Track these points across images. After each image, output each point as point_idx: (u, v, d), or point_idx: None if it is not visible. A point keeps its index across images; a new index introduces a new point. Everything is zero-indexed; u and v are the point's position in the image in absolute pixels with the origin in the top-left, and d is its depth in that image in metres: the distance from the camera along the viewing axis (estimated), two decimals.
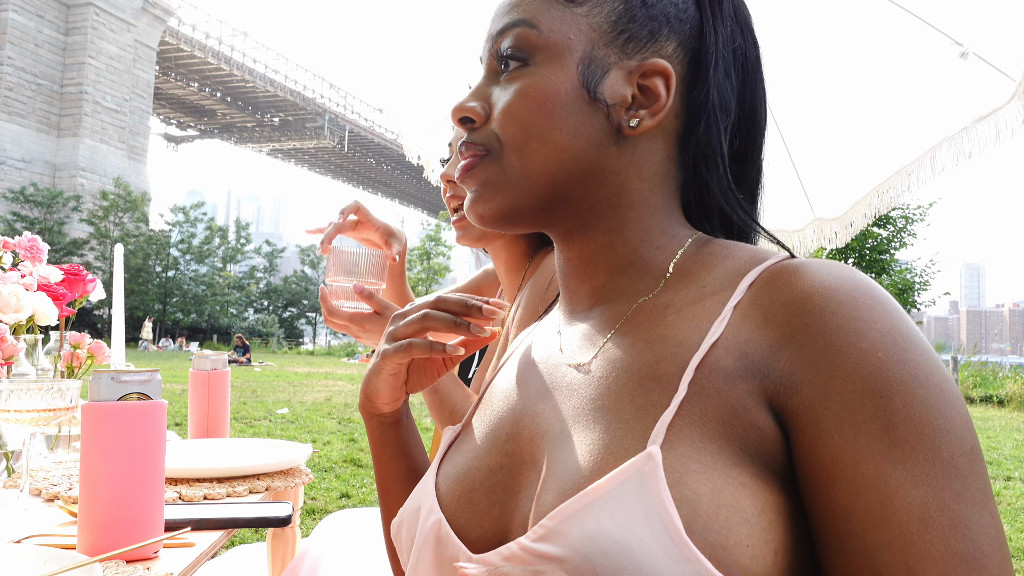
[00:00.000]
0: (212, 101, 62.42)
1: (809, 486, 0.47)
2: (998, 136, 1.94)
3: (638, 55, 0.59)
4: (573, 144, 0.59)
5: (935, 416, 0.46)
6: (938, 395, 0.47)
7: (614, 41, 0.59)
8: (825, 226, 2.55)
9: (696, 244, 0.61)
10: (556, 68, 0.59)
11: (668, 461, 0.47)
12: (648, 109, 0.59)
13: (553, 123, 0.58)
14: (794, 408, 0.48)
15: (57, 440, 1.47)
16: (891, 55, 2.13)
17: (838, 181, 2.47)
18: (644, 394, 0.52)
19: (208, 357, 1.64)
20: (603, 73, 0.59)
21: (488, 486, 0.59)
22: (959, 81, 2.00)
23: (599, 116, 0.59)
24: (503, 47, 0.61)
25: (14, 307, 1.25)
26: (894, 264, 20.64)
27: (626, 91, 0.59)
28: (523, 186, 0.60)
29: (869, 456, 0.45)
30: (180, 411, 7.33)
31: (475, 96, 0.63)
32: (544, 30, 0.59)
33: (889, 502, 0.44)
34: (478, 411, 0.69)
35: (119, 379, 0.86)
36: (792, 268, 0.52)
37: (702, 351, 0.51)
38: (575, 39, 0.59)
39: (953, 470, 0.45)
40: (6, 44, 37.28)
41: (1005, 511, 4.74)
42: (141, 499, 0.85)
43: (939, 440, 0.45)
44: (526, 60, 0.60)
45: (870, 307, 0.48)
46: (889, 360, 0.47)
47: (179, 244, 40.19)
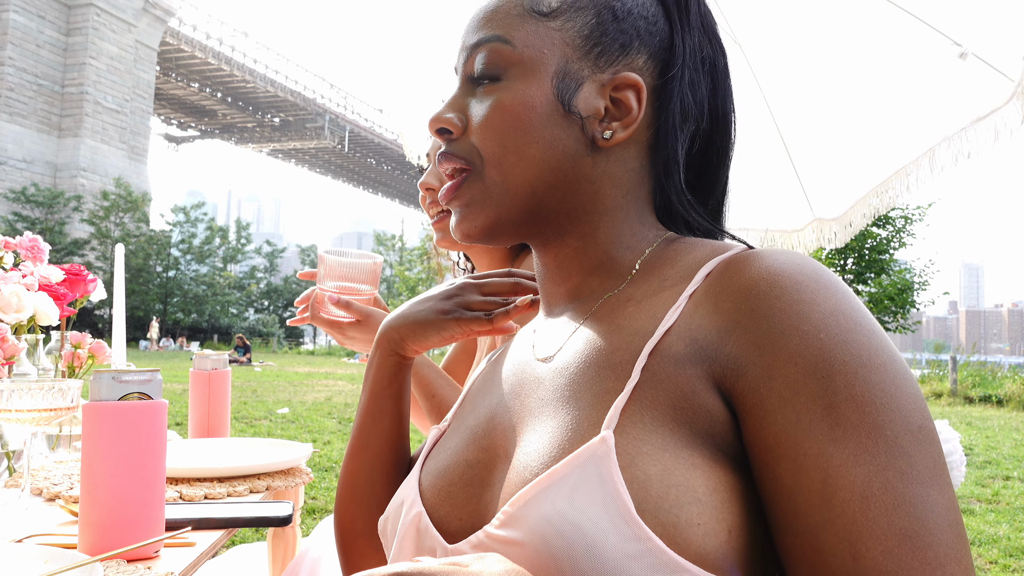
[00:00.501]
0: (212, 101, 62.42)
1: (756, 466, 0.48)
2: (997, 136, 1.95)
3: (610, 68, 0.61)
4: (549, 156, 0.60)
5: (878, 395, 0.46)
6: (882, 374, 0.47)
7: (587, 55, 0.61)
8: (825, 226, 2.55)
9: (665, 242, 0.63)
10: (531, 82, 0.60)
11: (620, 444, 0.48)
12: (621, 121, 0.61)
13: (530, 136, 0.60)
14: (740, 390, 0.49)
15: (58, 440, 1.47)
16: (891, 55, 2.13)
17: (838, 181, 2.47)
18: (601, 382, 0.54)
19: (209, 357, 1.64)
20: (577, 86, 0.60)
21: (466, 480, 0.61)
22: (958, 81, 2.00)
23: (574, 128, 0.60)
24: (478, 62, 0.62)
25: (15, 307, 1.26)
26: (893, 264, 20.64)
27: (599, 103, 0.61)
28: (505, 200, 0.61)
29: (811, 435, 0.46)
30: (180, 411, 7.33)
31: (452, 107, 0.64)
32: (518, 45, 0.60)
33: (831, 480, 0.45)
34: (460, 411, 0.71)
35: (120, 379, 0.86)
36: (744, 257, 0.53)
37: (655, 338, 0.53)
38: (549, 53, 0.60)
39: (897, 448, 0.45)
40: (7, 45, 37.28)
41: (1004, 511, 4.74)
42: (142, 498, 0.85)
43: (882, 419, 0.46)
44: (501, 75, 0.61)
45: (813, 290, 0.49)
46: (831, 341, 0.47)
47: (180, 244, 40.20)
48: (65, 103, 40.24)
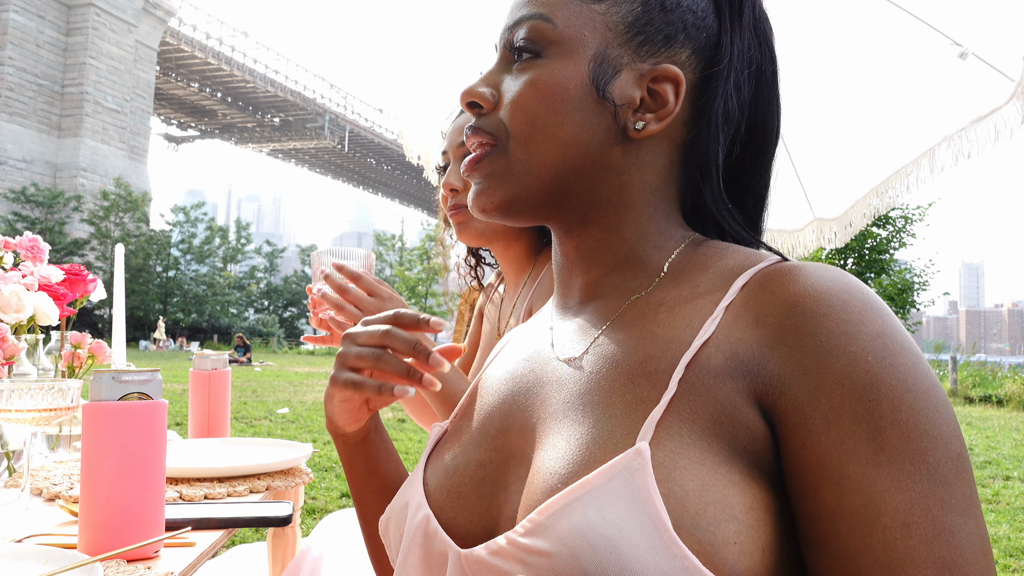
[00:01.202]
0: (212, 101, 62.41)
1: (795, 486, 0.47)
2: (997, 136, 1.95)
3: (651, 59, 0.59)
4: (578, 140, 0.59)
5: (922, 421, 0.46)
6: (926, 400, 0.46)
7: (629, 42, 0.59)
8: (825, 226, 2.55)
9: (692, 244, 0.61)
10: (567, 63, 0.59)
11: (657, 457, 0.47)
12: (655, 113, 0.59)
13: (560, 117, 0.58)
14: (783, 408, 0.48)
15: (58, 440, 1.47)
16: (891, 55, 2.13)
17: (838, 181, 2.47)
18: (634, 390, 0.52)
19: (209, 357, 1.64)
20: (614, 73, 0.59)
21: (477, 480, 0.59)
22: (958, 81, 2.00)
23: (606, 115, 0.59)
24: (517, 37, 0.61)
25: (15, 307, 1.26)
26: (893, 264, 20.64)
27: (635, 93, 0.59)
28: (526, 179, 0.60)
29: (855, 459, 0.45)
30: (180, 411, 7.33)
31: (485, 82, 0.63)
32: (559, 24, 0.59)
33: (873, 506, 0.44)
34: (467, 407, 0.68)
35: (120, 379, 0.86)
36: (785, 270, 0.52)
37: (693, 349, 0.51)
38: (589, 36, 0.59)
39: (939, 476, 0.45)
40: (7, 44, 37.28)
41: (1004, 511, 4.74)
42: (142, 498, 0.85)
43: (926, 445, 0.45)
44: (538, 52, 0.60)
45: (860, 311, 0.48)
46: (878, 364, 0.47)
47: (180, 244, 40.21)
48: (65, 103, 40.23)
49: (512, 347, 0.70)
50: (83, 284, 1.46)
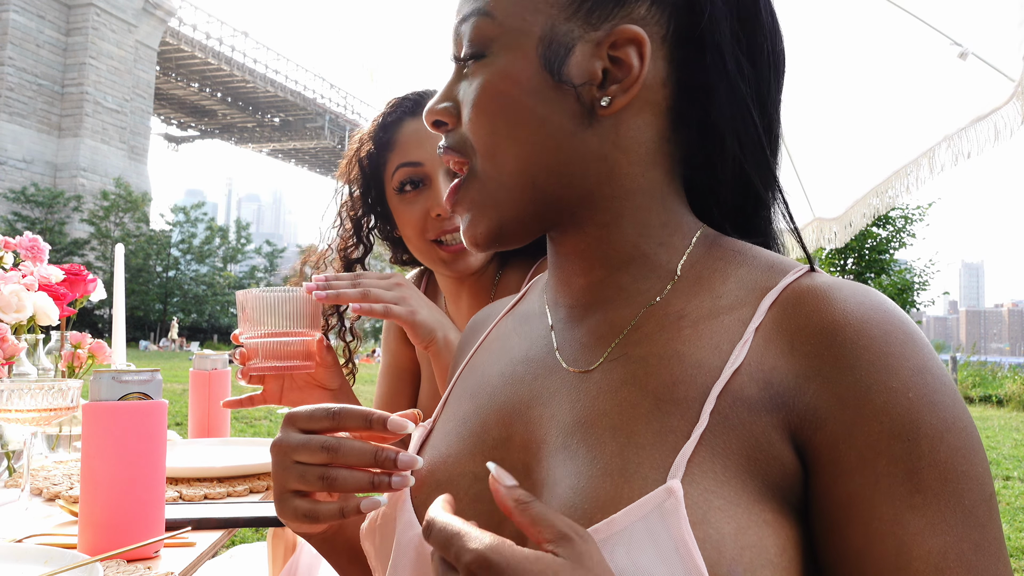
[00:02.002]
0: (212, 101, 62.42)
1: (823, 524, 0.45)
2: (997, 136, 1.95)
3: (606, 24, 0.52)
4: (543, 136, 0.53)
5: (960, 461, 0.44)
6: (963, 439, 0.45)
7: (576, 13, 0.52)
8: (825, 226, 2.55)
9: (704, 244, 0.56)
10: (514, 55, 0.53)
11: (690, 496, 0.43)
12: (620, 84, 0.52)
13: (518, 115, 0.53)
14: (817, 444, 0.45)
15: (58, 440, 1.47)
16: (891, 55, 2.13)
17: (838, 181, 2.47)
18: (661, 418, 0.47)
19: (209, 357, 1.64)
20: (567, 51, 0.52)
21: (473, 495, 0.54)
22: (958, 81, 2.00)
23: (568, 100, 0.52)
24: (464, 42, 0.55)
25: (15, 307, 1.26)
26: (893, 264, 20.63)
27: (595, 66, 0.52)
28: (505, 197, 0.54)
29: (889, 499, 0.43)
30: (180, 411, 7.33)
31: (443, 96, 0.57)
32: (499, 16, 0.53)
33: (905, 549, 0.42)
34: (453, 407, 0.62)
35: (120, 379, 0.86)
36: (820, 292, 0.48)
37: (724, 378, 0.47)
38: (532, 19, 0.53)
39: (973, 519, 0.43)
40: (7, 44, 37.29)
41: (1004, 511, 4.74)
42: (142, 498, 0.85)
43: (962, 487, 0.44)
44: (483, 52, 0.54)
45: (903, 343, 0.46)
46: (919, 401, 0.44)
47: (179, 244, 40.21)
48: (65, 103, 40.24)
49: (501, 345, 0.63)
50: (83, 284, 1.46)
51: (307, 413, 0.55)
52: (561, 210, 0.55)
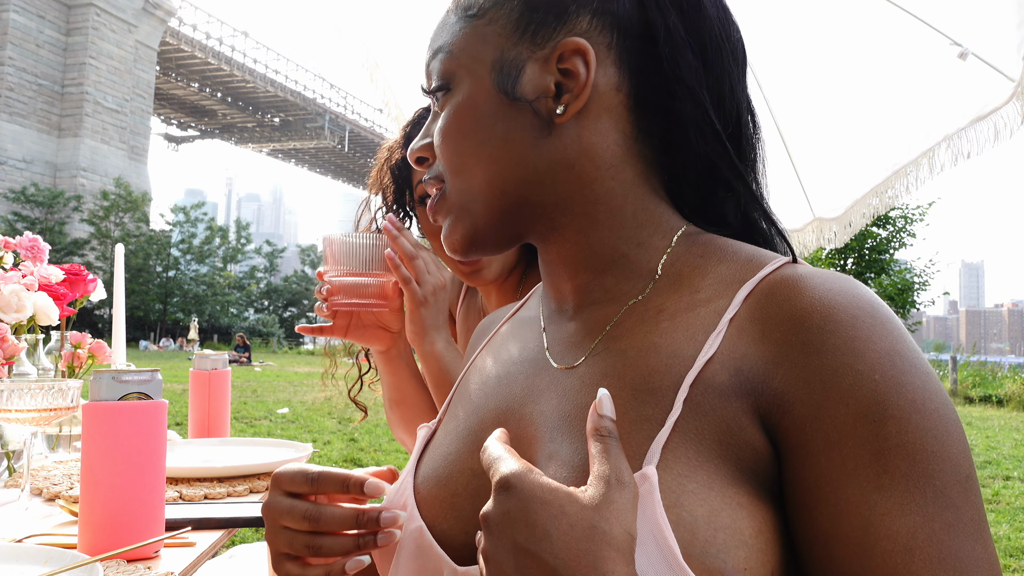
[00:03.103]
0: (212, 101, 62.42)
1: (793, 508, 0.46)
2: (997, 136, 1.95)
3: (551, 41, 0.56)
4: (506, 151, 0.57)
5: (930, 443, 0.44)
6: (935, 421, 0.45)
7: (522, 38, 0.57)
8: (825, 226, 2.55)
9: (685, 242, 0.58)
10: (470, 83, 0.58)
11: (664, 481, 0.45)
12: (571, 92, 0.56)
13: (479, 135, 0.58)
14: (786, 427, 0.46)
15: (58, 440, 1.47)
16: (891, 55, 2.13)
17: (838, 181, 2.47)
18: (638, 407, 0.49)
19: (209, 357, 1.64)
20: (518, 72, 0.57)
21: (471, 490, 0.56)
22: (958, 81, 2.00)
23: (525, 115, 0.56)
24: (431, 80, 0.61)
25: (15, 307, 1.26)
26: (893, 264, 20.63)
27: (547, 81, 0.56)
28: (475, 207, 0.59)
29: (855, 481, 0.44)
30: (180, 411, 7.33)
31: (423, 135, 0.64)
32: (455, 51, 0.59)
33: (872, 530, 0.43)
34: (455, 408, 0.65)
35: (120, 379, 0.86)
36: (791, 281, 0.50)
37: (697, 367, 0.49)
38: (483, 49, 0.58)
39: (945, 499, 0.43)
40: (7, 44, 37.29)
41: (1004, 511, 4.74)
42: (142, 498, 0.85)
43: (933, 468, 0.44)
44: (446, 86, 0.60)
45: (870, 326, 0.46)
46: (886, 383, 0.45)
47: (179, 244, 40.23)
48: (65, 103, 40.25)
49: (500, 348, 0.67)
50: (83, 284, 1.46)
51: (289, 476, 0.57)
52: (536, 217, 0.59)
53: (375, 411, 1.36)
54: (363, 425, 7.43)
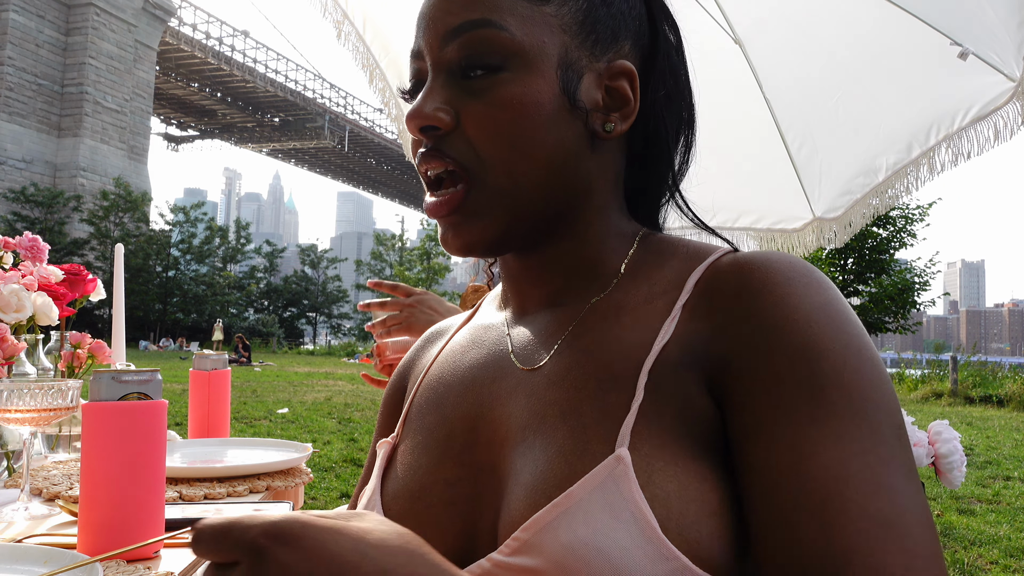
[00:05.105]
0: (212, 101, 62.41)
1: (735, 456, 0.47)
2: (997, 136, 1.95)
3: (605, 57, 0.57)
4: (556, 156, 0.55)
5: (866, 385, 0.45)
6: (871, 367, 0.46)
7: (584, 42, 0.56)
8: (825, 226, 2.55)
9: (643, 243, 0.60)
10: (535, 74, 0.54)
11: (636, 462, 0.46)
12: (619, 112, 0.57)
13: (539, 135, 0.54)
14: (728, 385, 0.48)
15: (58, 440, 1.47)
16: (891, 55, 2.13)
17: (838, 181, 2.47)
18: (604, 396, 0.51)
19: (209, 357, 1.64)
20: (579, 77, 0.55)
21: (447, 500, 0.55)
22: (958, 81, 2.00)
23: (578, 124, 0.56)
24: (465, 49, 0.54)
25: (15, 307, 1.26)
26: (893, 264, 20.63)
27: (597, 95, 0.57)
28: (515, 209, 0.55)
29: (792, 417, 0.44)
30: (180, 411, 7.33)
31: (435, 99, 0.55)
32: (516, 32, 0.53)
33: (806, 459, 0.43)
34: (418, 422, 0.63)
35: (120, 379, 0.86)
36: (735, 261, 0.53)
37: (654, 352, 0.51)
38: (549, 42, 0.54)
39: (880, 436, 0.43)
40: (7, 44, 37.29)
41: (1004, 511, 4.74)
42: (141, 499, 0.85)
43: (868, 406, 0.44)
44: (500, 66, 0.53)
45: (805, 284, 0.49)
46: (822, 329, 0.46)
47: (179, 244, 40.23)
48: (65, 103, 40.24)
49: (460, 356, 0.65)
50: (83, 284, 1.46)
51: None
52: (545, 224, 0.58)
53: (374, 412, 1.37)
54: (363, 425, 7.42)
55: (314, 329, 48.35)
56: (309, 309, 47.40)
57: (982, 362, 15.33)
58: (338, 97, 70.03)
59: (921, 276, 20.84)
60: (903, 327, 20.73)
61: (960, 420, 9.63)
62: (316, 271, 48.20)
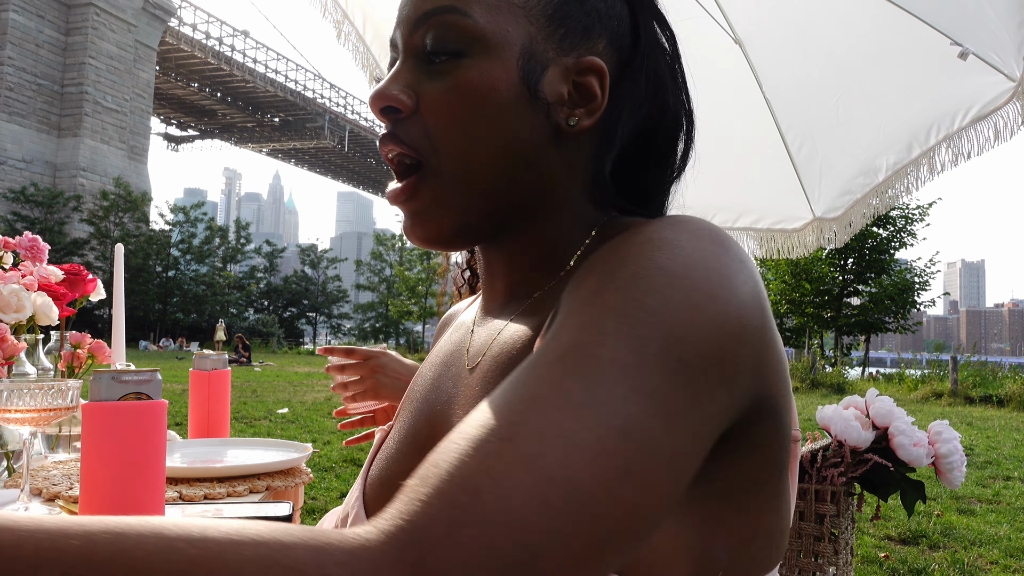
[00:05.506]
0: (212, 101, 62.42)
1: None
2: (997, 136, 1.95)
3: (574, 52, 0.56)
4: (514, 146, 0.54)
5: (655, 300, 0.39)
6: (685, 291, 0.40)
7: (552, 35, 0.55)
8: (825, 226, 2.55)
9: (599, 232, 0.58)
10: (495, 61, 0.54)
11: None
12: (585, 108, 0.56)
13: (495, 123, 0.54)
14: None
15: (58, 440, 1.47)
16: (891, 55, 2.13)
17: (838, 181, 2.47)
18: None
19: (209, 357, 1.64)
20: (543, 69, 0.55)
21: None
22: (958, 81, 2.00)
23: (539, 115, 0.55)
24: (430, 35, 0.55)
25: (15, 307, 1.26)
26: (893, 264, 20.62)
27: (563, 89, 0.56)
28: (469, 199, 0.55)
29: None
30: (180, 411, 7.33)
31: (399, 80, 0.56)
32: (479, 19, 0.54)
33: (550, 340, 0.40)
34: (402, 411, 0.66)
35: (119, 379, 0.86)
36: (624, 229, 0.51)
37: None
38: (513, 31, 0.54)
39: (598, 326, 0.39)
40: (7, 44, 37.29)
41: (1004, 511, 4.73)
42: (141, 499, 0.85)
43: (642, 317, 0.39)
44: (461, 52, 0.54)
45: (653, 248, 0.43)
46: (646, 277, 0.41)
47: (179, 244, 40.24)
48: (65, 103, 40.25)
49: (440, 348, 0.67)
50: (83, 284, 1.46)
51: None
52: (508, 216, 0.57)
53: None
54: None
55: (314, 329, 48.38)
56: (309, 309, 47.43)
57: (982, 362, 15.33)
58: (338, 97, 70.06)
59: (921, 276, 20.83)
60: (903, 327, 20.74)
61: (960, 420, 9.63)
62: (316, 271, 48.23)
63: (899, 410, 1.68)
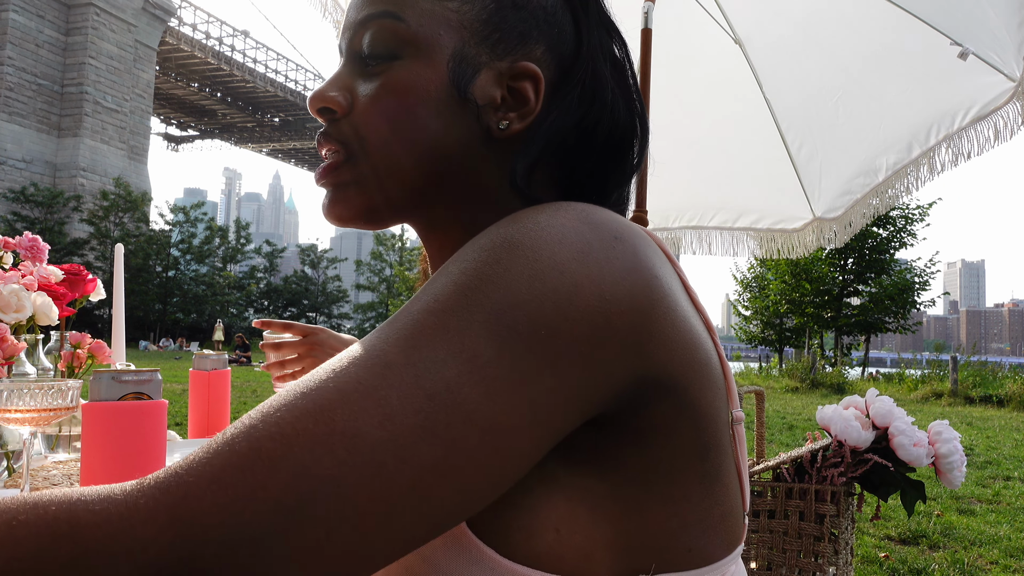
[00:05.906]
0: (212, 101, 62.44)
1: None
2: (997, 136, 1.95)
3: (509, 57, 0.57)
4: (439, 144, 0.56)
5: (495, 270, 0.40)
6: (516, 260, 0.40)
7: (485, 40, 0.57)
8: (825, 226, 2.55)
9: None
10: (425, 64, 0.55)
11: None
12: (517, 112, 0.57)
13: (420, 121, 0.55)
14: None
15: (58, 440, 1.47)
16: (891, 55, 2.13)
17: (838, 181, 2.47)
18: None
19: (209, 357, 1.64)
20: (474, 72, 0.56)
21: None
22: (958, 81, 2.00)
23: (468, 117, 0.56)
24: (366, 39, 0.57)
25: (15, 307, 1.26)
26: (893, 264, 20.63)
27: (495, 92, 0.57)
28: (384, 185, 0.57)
29: None
30: (180, 411, 7.33)
31: (336, 84, 0.58)
32: (412, 23, 0.56)
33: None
34: None
35: (120, 379, 0.86)
36: None
37: None
38: (445, 35, 0.56)
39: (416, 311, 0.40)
40: (7, 44, 37.31)
41: (1004, 511, 4.73)
42: None
43: (483, 289, 0.40)
44: (393, 54, 0.56)
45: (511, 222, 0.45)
46: (488, 240, 0.43)
47: (179, 244, 40.25)
48: (65, 103, 40.26)
49: None
50: (83, 284, 1.46)
51: None
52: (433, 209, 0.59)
53: None
54: None
55: None
56: (309, 309, 47.42)
57: (982, 362, 15.33)
58: None
59: (921, 276, 20.84)
60: (903, 327, 20.75)
61: (960, 420, 9.64)
62: (316, 271, 48.25)
63: (899, 410, 1.68)
